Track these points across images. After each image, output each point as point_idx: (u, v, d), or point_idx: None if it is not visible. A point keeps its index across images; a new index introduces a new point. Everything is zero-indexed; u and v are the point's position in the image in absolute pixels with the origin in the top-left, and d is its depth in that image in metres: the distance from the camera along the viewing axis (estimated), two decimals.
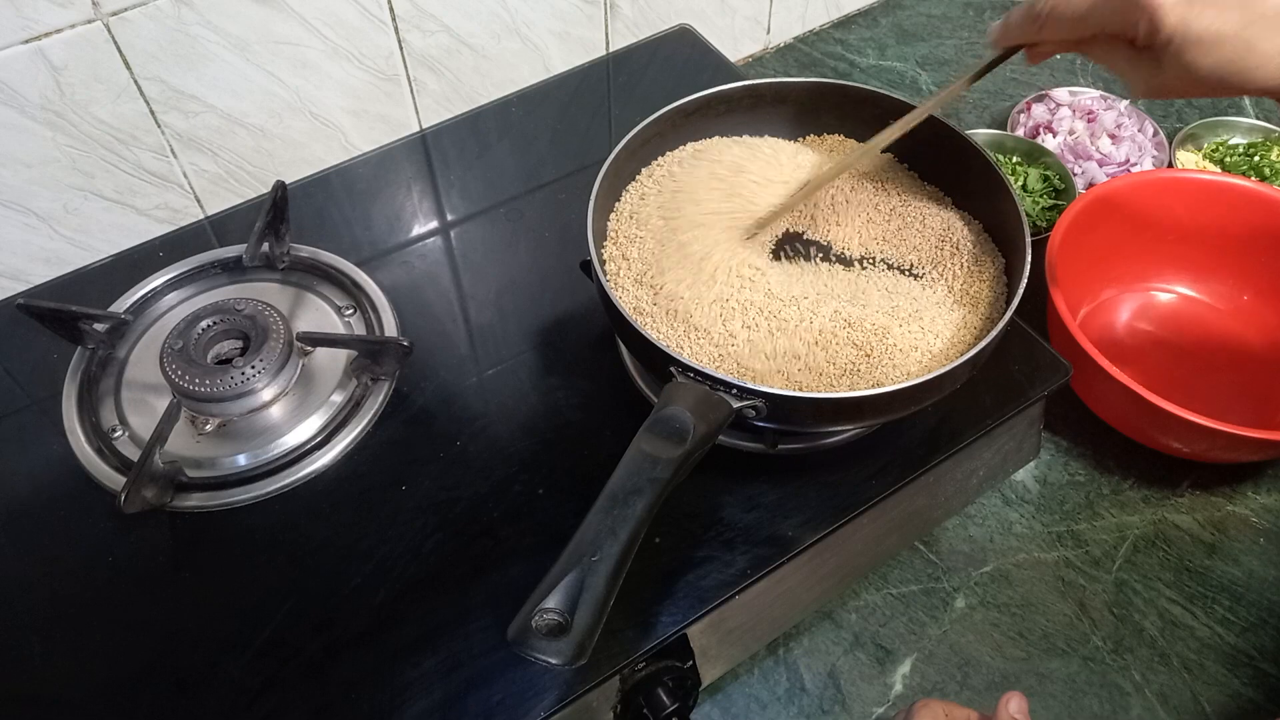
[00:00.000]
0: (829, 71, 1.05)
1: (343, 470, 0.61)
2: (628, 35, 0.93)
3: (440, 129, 0.85)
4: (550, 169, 0.80)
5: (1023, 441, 0.67)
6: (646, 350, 0.52)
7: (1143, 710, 0.63)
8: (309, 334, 0.64)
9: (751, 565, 0.55)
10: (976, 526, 0.72)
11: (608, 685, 0.52)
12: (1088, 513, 0.73)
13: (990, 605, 0.68)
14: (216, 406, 0.61)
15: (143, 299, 0.70)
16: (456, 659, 0.52)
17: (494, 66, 0.86)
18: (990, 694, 0.64)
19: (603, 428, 0.62)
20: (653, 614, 0.53)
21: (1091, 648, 0.66)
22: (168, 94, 0.71)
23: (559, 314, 0.69)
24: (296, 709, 0.51)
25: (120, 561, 0.57)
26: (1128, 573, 0.69)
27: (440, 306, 0.70)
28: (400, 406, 0.64)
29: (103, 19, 0.65)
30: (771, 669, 0.66)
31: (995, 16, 1.10)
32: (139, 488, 0.55)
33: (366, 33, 0.76)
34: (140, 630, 0.54)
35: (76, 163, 0.70)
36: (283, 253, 0.71)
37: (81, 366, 0.66)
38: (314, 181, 0.80)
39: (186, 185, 0.77)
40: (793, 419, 0.54)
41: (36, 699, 0.52)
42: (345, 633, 0.53)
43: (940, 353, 0.55)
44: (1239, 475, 0.74)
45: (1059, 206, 0.85)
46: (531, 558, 0.56)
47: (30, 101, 0.66)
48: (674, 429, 0.47)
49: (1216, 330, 0.81)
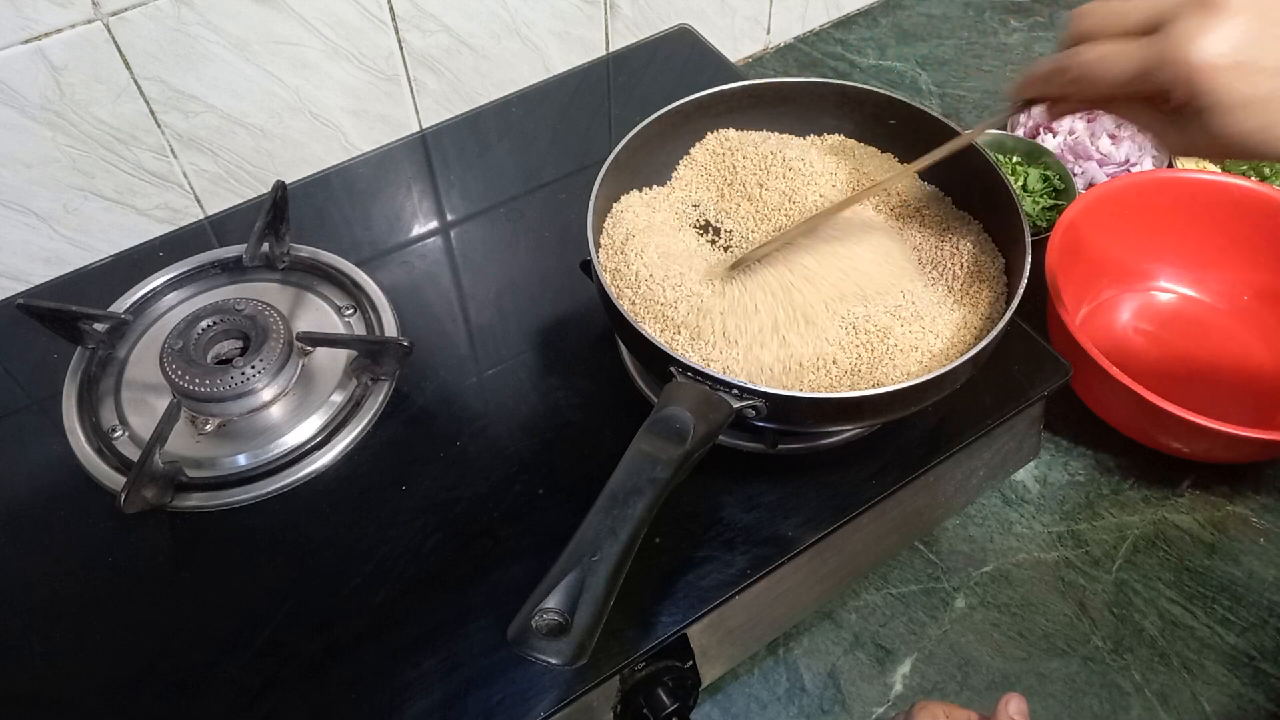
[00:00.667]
0: (829, 71, 1.05)
1: (343, 470, 0.61)
2: (628, 35, 0.93)
3: (440, 129, 0.85)
4: (550, 169, 0.80)
5: (1023, 441, 0.67)
6: (646, 350, 0.52)
7: (1143, 710, 0.63)
8: (309, 334, 0.64)
9: (751, 565, 0.55)
10: (976, 526, 0.72)
11: (608, 685, 0.52)
12: (1088, 513, 0.73)
13: (990, 605, 0.68)
14: (216, 406, 0.61)
15: (143, 299, 0.70)
16: (456, 659, 0.52)
17: (494, 66, 0.86)
18: (990, 694, 0.64)
19: (603, 428, 0.62)
20: (653, 614, 0.53)
21: (1091, 648, 0.66)
22: (168, 94, 0.71)
23: (559, 314, 0.69)
24: (296, 709, 0.51)
25: (120, 561, 0.57)
26: (1128, 573, 0.69)
27: (440, 306, 0.70)
28: (400, 406, 0.64)
29: (103, 19, 0.65)
30: (771, 669, 0.66)
31: (995, 17, 1.10)
32: (139, 488, 0.55)
33: (366, 33, 0.76)
34: (140, 630, 0.54)
35: (76, 163, 0.70)
36: (283, 253, 0.71)
37: (81, 366, 0.66)
38: (314, 181, 0.80)
39: (186, 185, 0.77)
40: (793, 419, 0.54)
41: (36, 699, 0.52)
42: (345, 633, 0.53)
43: (940, 353, 0.55)
44: (1239, 475, 0.74)
45: (1059, 206, 0.85)
46: (531, 558, 0.56)
47: (30, 101, 0.66)
48: (674, 429, 0.47)
49: (1216, 330, 0.81)
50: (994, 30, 1.09)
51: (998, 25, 1.09)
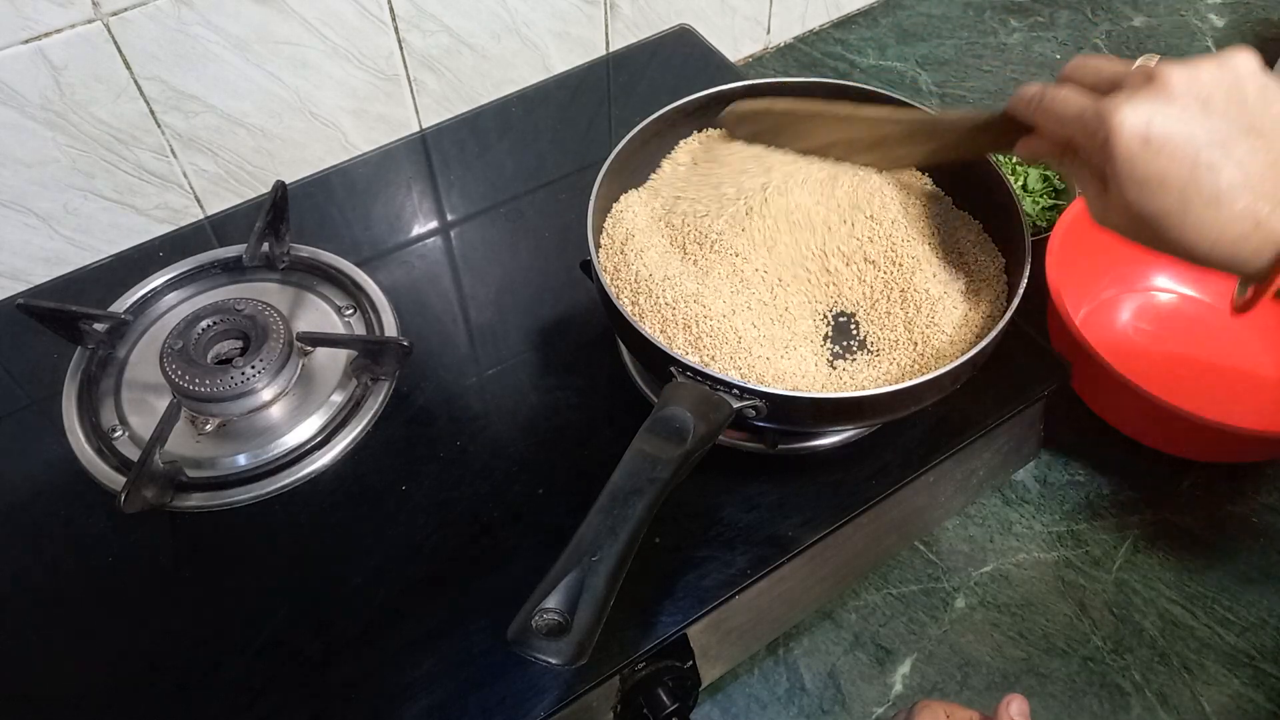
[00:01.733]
0: (829, 71, 1.04)
1: (343, 470, 0.61)
2: (628, 35, 0.93)
3: (440, 129, 0.85)
4: (550, 169, 0.80)
5: (1023, 441, 0.67)
6: (646, 350, 0.52)
7: (1143, 710, 0.63)
8: (309, 334, 0.64)
9: (751, 565, 0.55)
10: (976, 526, 0.72)
11: (608, 685, 0.52)
12: (1088, 513, 0.73)
13: (990, 605, 0.68)
14: (216, 406, 0.61)
15: (143, 299, 0.70)
16: (456, 659, 0.52)
17: (494, 66, 0.86)
18: (990, 694, 0.64)
19: (603, 428, 0.62)
20: (653, 614, 0.53)
21: (1091, 648, 0.66)
22: (168, 94, 0.71)
23: (559, 314, 0.69)
24: (296, 709, 0.51)
25: (120, 561, 0.57)
26: (1128, 573, 0.69)
27: (440, 306, 0.70)
28: (400, 406, 0.64)
29: (103, 19, 0.65)
30: (771, 669, 0.66)
31: (995, 17, 1.10)
32: (139, 488, 0.55)
33: (366, 33, 0.76)
34: (140, 630, 0.54)
35: (76, 163, 0.70)
36: (283, 253, 0.71)
37: (81, 366, 0.66)
38: (314, 181, 0.80)
39: (186, 185, 0.77)
40: (793, 419, 0.54)
41: (36, 699, 0.52)
42: (345, 633, 0.53)
43: (940, 352, 0.55)
44: (1239, 475, 0.74)
45: (1059, 206, 0.85)
46: (531, 558, 0.56)
47: (30, 101, 0.66)
48: (674, 429, 0.47)
49: (1216, 330, 0.81)
50: (994, 30, 1.09)
51: (998, 25, 1.09)
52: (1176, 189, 0.39)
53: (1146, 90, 0.40)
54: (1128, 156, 0.39)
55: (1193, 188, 0.39)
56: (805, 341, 0.56)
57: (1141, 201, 0.40)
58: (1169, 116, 0.39)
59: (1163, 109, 0.39)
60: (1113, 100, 0.40)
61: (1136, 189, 0.40)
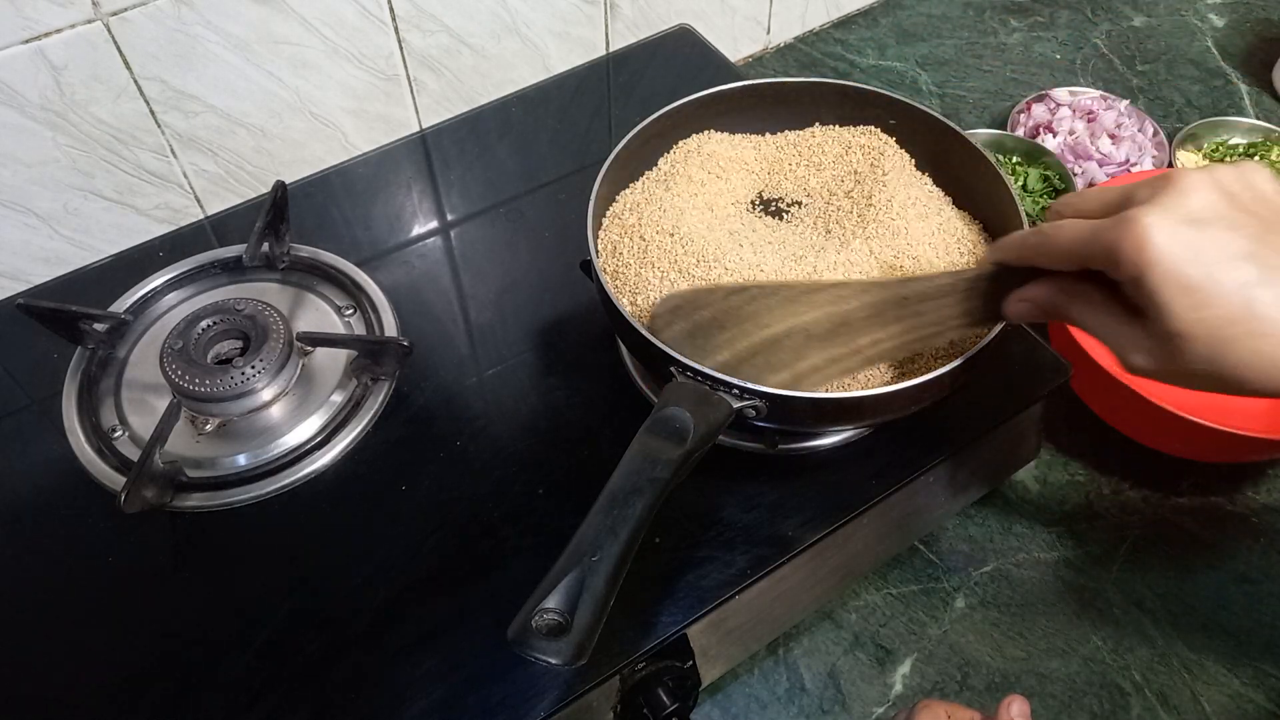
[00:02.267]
0: (829, 71, 1.05)
1: (343, 470, 0.61)
2: (628, 35, 0.93)
3: (440, 129, 0.85)
4: (550, 169, 0.80)
5: (1023, 442, 0.67)
6: (646, 350, 0.52)
7: (1143, 710, 0.63)
8: (309, 334, 0.64)
9: (751, 565, 0.55)
10: (976, 526, 0.72)
11: (608, 685, 0.52)
12: (1088, 513, 0.73)
13: (990, 605, 0.68)
14: (216, 406, 0.61)
15: (143, 299, 0.70)
16: (456, 659, 0.52)
17: (494, 66, 0.86)
18: (990, 694, 0.64)
19: (603, 428, 0.62)
20: (653, 614, 0.53)
21: (1091, 648, 0.66)
22: (168, 94, 0.71)
23: (559, 314, 0.69)
24: (296, 709, 0.51)
25: (120, 561, 0.57)
26: (1128, 573, 0.69)
27: (440, 306, 0.70)
28: (400, 406, 0.64)
29: (103, 19, 0.65)
30: (771, 669, 0.66)
31: (995, 17, 1.10)
32: (139, 488, 0.55)
33: (366, 33, 0.76)
34: (140, 630, 0.54)
35: (76, 163, 0.70)
36: (283, 253, 0.71)
37: (81, 366, 0.66)
38: (314, 181, 0.80)
39: (186, 185, 0.77)
40: (793, 419, 0.54)
41: (36, 699, 0.52)
42: (345, 633, 0.53)
43: (940, 352, 0.55)
44: (1239, 475, 0.74)
45: None
46: (531, 558, 0.56)
47: (30, 101, 0.66)
48: (674, 429, 0.47)
49: None
50: (994, 30, 1.09)
51: (998, 25, 1.09)
52: (1233, 289, 0.34)
53: (1165, 190, 0.37)
54: (1169, 259, 0.35)
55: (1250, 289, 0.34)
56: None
57: (1192, 312, 0.35)
58: (1203, 206, 0.36)
59: (1190, 200, 0.36)
60: (1132, 209, 0.37)
61: (1185, 297, 0.35)
